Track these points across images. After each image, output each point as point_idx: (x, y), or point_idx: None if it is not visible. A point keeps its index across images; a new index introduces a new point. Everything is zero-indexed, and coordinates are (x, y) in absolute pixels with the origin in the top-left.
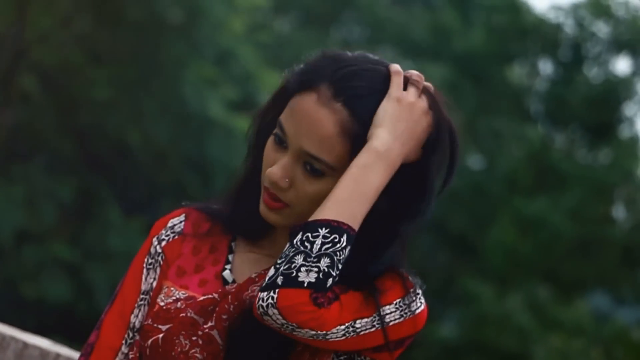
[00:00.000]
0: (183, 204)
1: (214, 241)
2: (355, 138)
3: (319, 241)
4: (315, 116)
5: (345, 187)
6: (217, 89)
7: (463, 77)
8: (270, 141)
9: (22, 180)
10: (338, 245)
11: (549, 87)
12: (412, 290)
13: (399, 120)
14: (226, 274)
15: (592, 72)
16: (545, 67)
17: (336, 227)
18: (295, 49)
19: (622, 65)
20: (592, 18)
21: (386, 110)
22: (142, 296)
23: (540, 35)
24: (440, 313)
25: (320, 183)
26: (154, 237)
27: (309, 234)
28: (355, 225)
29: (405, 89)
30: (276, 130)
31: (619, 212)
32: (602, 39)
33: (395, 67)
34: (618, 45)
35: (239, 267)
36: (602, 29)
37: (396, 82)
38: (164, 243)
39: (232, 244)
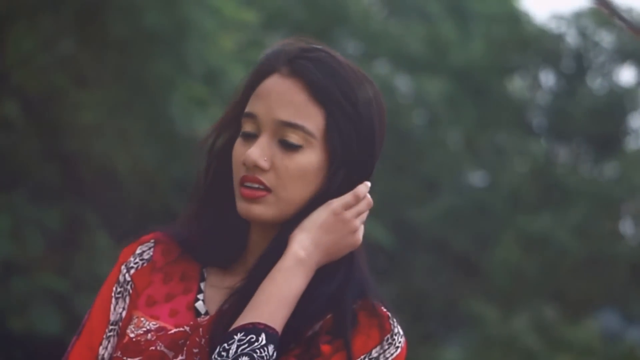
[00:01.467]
0: (151, 229)
1: (185, 268)
2: (327, 103)
3: (234, 346)
4: (282, 87)
5: (263, 291)
6: (206, 109)
7: (462, 91)
8: (238, 142)
9: (7, 210)
10: (256, 343)
11: (552, 99)
12: (388, 333)
13: (327, 232)
14: (199, 305)
15: (595, 83)
16: (547, 79)
17: (251, 328)
18: None
19: (626, 75)
20: (594, 27)
21: (319, 216)
22: (110, 327)
23: (542, 46)
24: (444, 336)
25: (301, 156)
26: (122, 264)
27: (225, 344)
28: (276, 325)
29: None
30: (243, 128)
31: (626, 227)
32: (606, 48)
33: (361, 188)
34: (622, 54)
35: (212, 296)
36: (605, 38)
37: (344, 199)
38: (132, 271)
39: (204, 270)
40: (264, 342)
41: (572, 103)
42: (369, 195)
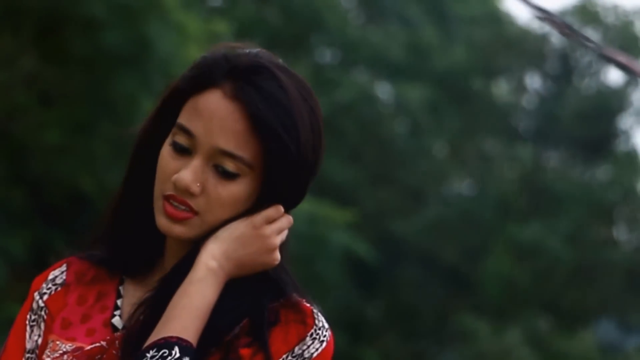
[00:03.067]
0: (61, 256)
1: (101, 288)
2: (267, 136)
3: None
4: (226, 111)
5: (175, 305)
6: None
7: (445, 97)
8: (168, 150)
9: None
10: (170, 357)
11: (538, 102)
12: (311, 328)
13: (243, 246)
14: (115, 320)
15: (582, 84)
16: (533, 81)
17: (163, 343)
18: None
19: (614, 75)
20: (580, 25)
21: (237, 228)
22: (27, 355)
23: (526, 47)
24: (436, 353)
25: (235, 185)
26: (34, 292)
27: None
28: (190, 337)
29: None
30: (176, 138)
31: (620, 233)
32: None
33: (279, 207)
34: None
35: (129, 311)
36: (591, 36)
37: (266, 213)
38: (45, 297)
39: (120, 287)
40: (177, 355)
41: (560, 105)
42: (289, 215)
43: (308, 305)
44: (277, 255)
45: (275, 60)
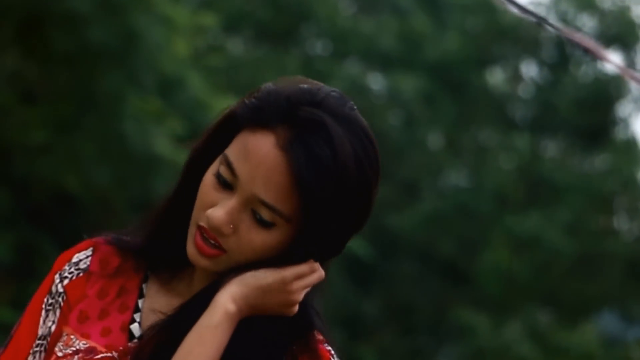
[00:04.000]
0: (88, 236)
1: (124, 282)
2: (310, 196)
3: None
4: (274, 161)
5: (189, 351)
6: (162, 122)
7: (439, 87)
8: (211, 180)
9: None
10: None
11: (534, 91)
12: None
13: (266, 296)
14: (134, 327)
15: (579, 72)
16: (529, 69)
17: None
18: (251, 70)
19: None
20: (575, 12)
21: (265, 278)
22: (38, 342)
23: (520, 34)
24: (435, 349)
25: (269, 234)
26: (56, 273)
27: None
28: None
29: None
30: (221, 170)
31: (621, 222)
32: (588, 33)
33: (313, 264)
34: (606, 39)
35: (148, 316)
36: (587, 23)
37: (298, 270)
38: (66, 281)
39: (143, 285)
40: None
41: (556, 94)
42: (321, 269)
43: (327, 349)
44: (296, 309)
45: (340, 110)
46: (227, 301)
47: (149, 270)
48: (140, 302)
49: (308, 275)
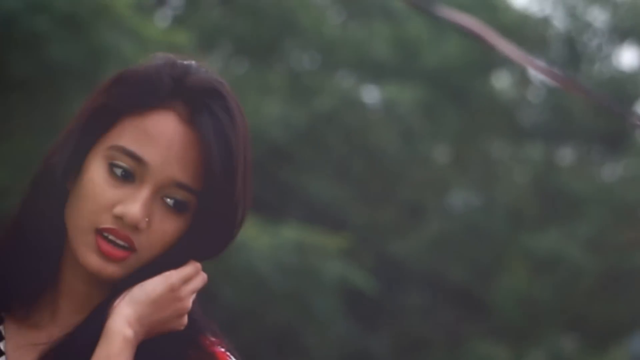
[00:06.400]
0: None
1: None
2: (217, 160)
3: None
4: (185, 137)
5: None
6: None
7: (440, 97)
8: (102, 177)
9: None
10: None
11: (545, 94)
12: None
13: (159, 310)
14: None
15: (593, 71)
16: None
17: None
18: (233, 88)
19: (627, 57)
20: (585, 5)
21: (154, 289)
22: None
23: (526, 33)
24: None
25: (181, 220)
26: None
27: None
28: None
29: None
30: (118, 162)
31: None
32: (600, 28)
33: (196, 264)
34: (620, 34)
35: (15, 355)
36: (598, 17)
37: (184, 272)
38: None
39: (1, 327)
40: None
41: (570, 96)
42: (203, 272)
43: (221, 350)
44: (186, 320)
45: (214, 75)
46: (123, 327)
47: (2, 312)
48: (1, 345)
49: (194, 278)
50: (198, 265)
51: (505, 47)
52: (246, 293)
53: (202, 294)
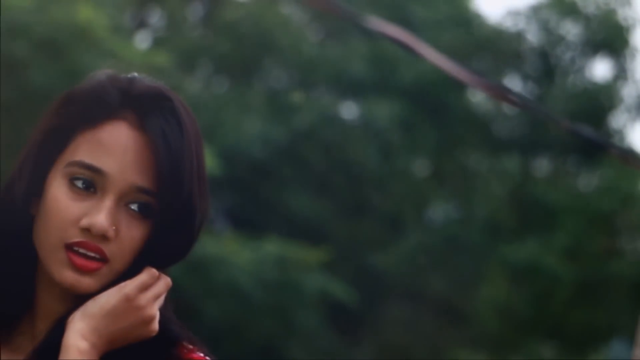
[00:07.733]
0: None
1: None
2: (170, 163)
3: None
4: (138, 143)
5: None
6: None
7: (417, 112)
8: (64, 193)
9: None
10: None
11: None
12: None
13: (115, 322)
14: None
15: (567, 83)
16: (512, 84)
17: None
18: (212, 109)
19: (600, 69)
20: (557, 19)
21: (108, 301)
22: None
23: (500, 48)
24: None
25: (147, 225)
26: None
27: None
28: None
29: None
30: (75, 176)
31: (624, 242)
32: (573, 42)
33: (151, 271)
34: (593, 46)
35: None
36: (571, 30)
37: (139, 280)
38: None
39: None
40: None
41: (544, 108)
42: (166, 276)
43: (200, 356)
44: (156, 326)
45: (156, 83)
46: (76, 340)
47: None
48: None
49: (152, 284)
50: (154, 271)
51: (433, 56)
52: (229, 307)
53: (184, 309)
